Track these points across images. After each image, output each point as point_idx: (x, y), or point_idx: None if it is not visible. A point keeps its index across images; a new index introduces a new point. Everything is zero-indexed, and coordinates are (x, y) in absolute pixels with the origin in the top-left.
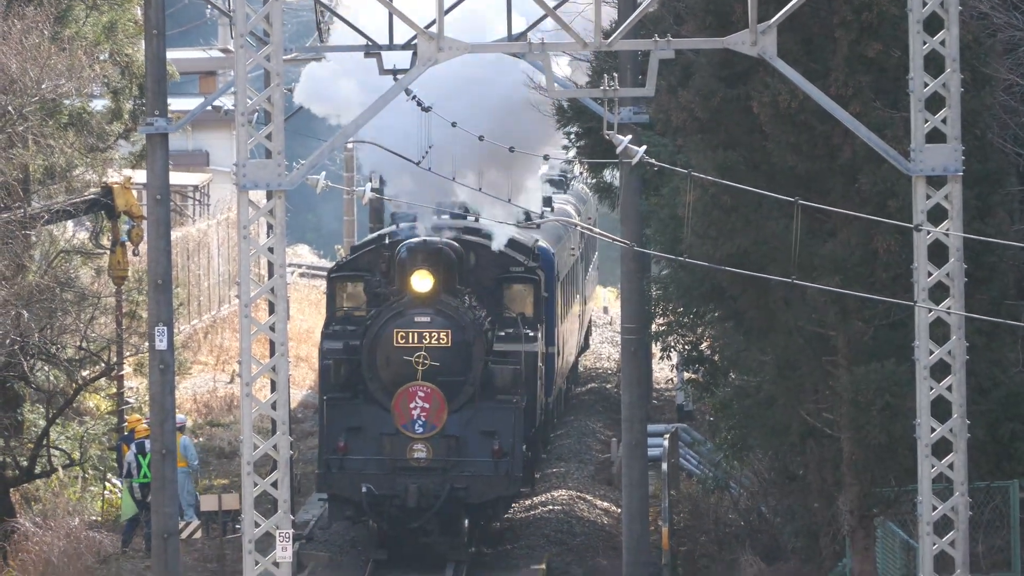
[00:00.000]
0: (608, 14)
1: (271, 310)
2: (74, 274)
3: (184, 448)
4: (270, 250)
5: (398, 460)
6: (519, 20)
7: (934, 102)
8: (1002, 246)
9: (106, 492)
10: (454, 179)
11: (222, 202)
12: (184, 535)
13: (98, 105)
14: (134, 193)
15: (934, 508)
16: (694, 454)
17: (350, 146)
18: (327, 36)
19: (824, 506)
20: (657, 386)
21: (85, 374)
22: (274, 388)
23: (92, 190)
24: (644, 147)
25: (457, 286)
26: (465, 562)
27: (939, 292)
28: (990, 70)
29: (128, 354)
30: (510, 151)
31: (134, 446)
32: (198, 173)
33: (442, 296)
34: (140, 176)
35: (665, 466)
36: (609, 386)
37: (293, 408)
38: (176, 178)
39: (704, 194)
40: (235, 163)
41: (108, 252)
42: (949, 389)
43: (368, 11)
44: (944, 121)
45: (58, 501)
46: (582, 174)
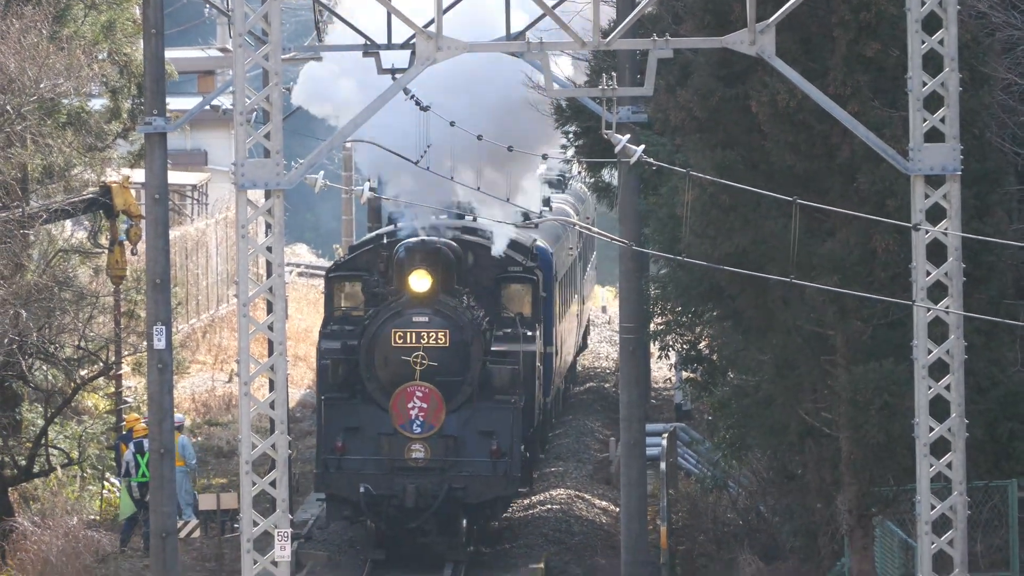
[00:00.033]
0: (607, 13)
1: (269, 309)
2: (72, 273)
3: (182, 447)
4: (268, 249)
5: (396, 460)
6: (522, 17)
7: (932, 101)
8: (1000, 245)
9: (104, 491)
10: (452, 178)
11: (220, 201)
12: (182, 534)
13: (96, 104)
14: (132, 192)
15: (932, 507)
16: (692, 453)
17: (348, 145)
18: (325, 35)
19: (823, 505)
20: (655, 385)
21: (83, 373)
22: (272, 387)
23: (90, 189)
24: (642, 146)
25: (455, 286)
26: (463, 562)
27: (937, 291)
28: (988, 69)
29: (126, 353)
30: (509, 150)
31: (132, 445)
32: (196, 172)
33: (440, 296)
34: (138, 175)
35: (663, 465)
36: (607, 385)
37: (291, 407)
38: (174, 177)
39: (703, 193)
40: (233, 162)
41: (106, 251)
42: (948, 388)
43: (367, 10)
44: (943, 120)
45: (56, 500)
46: (580, 173)
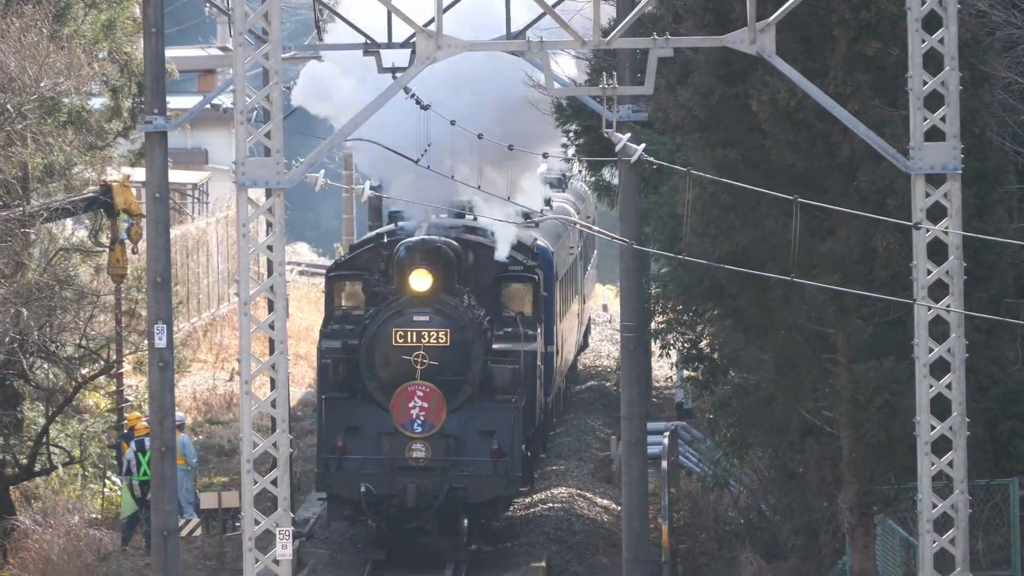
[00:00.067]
0: (607, 12)
1: (270, 308)
2: (73, 272)
3: (182, 446)
4: (269, 248)
5: (397, 460)
6: (522, 15)
7: (933, 100)
8: (1001, 244)
9: (106, 490)
10: (453, 177)
11: (221, 200)
12: (184, 533)
13: (97, 103)
14: (133, 191)
15: (934, 506)
16: (694, 452)
17: (349, 144)
18: (325, 34)
19: (824, 504)
20: (656, 384)
21: (84, 372)
22: (273, 386)
23: (91, 188)
24: (643, 145)
25: (456, 285)
26: (464, 562)
27: (938, 290)
28: (989, 68)
29: (127, 352)
30: (509, 149)
31: (134, 444)
32: (197, 171)
33: (441, 295)
34: (139, 174)
35: (665, 464)
36: (608, 384)
37: (292, 406)
38: (175, 176)
39: (703, 192)
40: (234, 161)
41: (107, 250)
42: (948, 387)
43: (367, 9)
44: (943, 119)
45: (58, 499)
46: (581, 172)
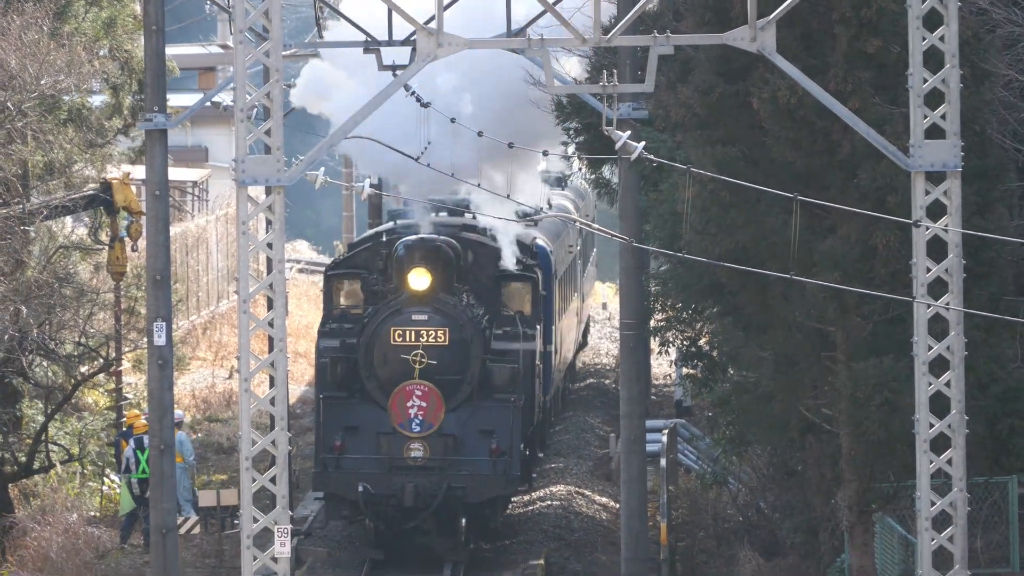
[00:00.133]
0: (607, 10)
1: (270, 306)
2: (73, 270)
3: (180, 444)
4: (269, 246)
5: (395, 459)
6: (523, 13)
7: (933, 98)
8: (1001, 242)
9: (104, 488)
10: (452, 175)
11: (221, 198)
12: (182, 531)
13: (97, 101)
14: (133, 189)
15: (933, 503)
16: (693, 450)
17: (347, 146)
18: (326, 31)
19: (823, 502)
20: (656, 382)
21: (84, 370)
22: (272, 383)
23: (91, 186)
24: (643, 143)
25: (455, 284)
26: (463, 562)
27: (938, 288)
28: (989, 66)
29: (127, 350)
30: (509, 147)
31: (133, 442)
32: (197, 169)
33: (440, 294)
34: (139, 172)
35: (664, 462)
36: (608, 382)
37: (291, 404)
38: (175, 174)
39: (703, 190)
40: (234, 159)
41: (107, 248)
42: (948, 385)
43: (367, 7)
44: (943, 117)
45: (56, 497)
46: (581, 170)
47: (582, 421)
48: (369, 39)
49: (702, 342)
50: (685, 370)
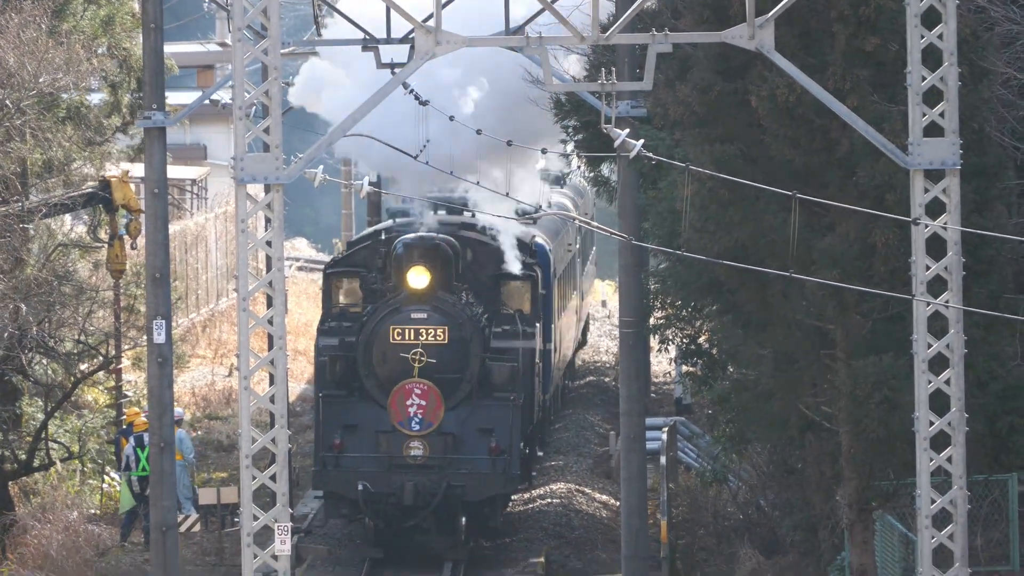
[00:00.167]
0: (606, 8)
1: (269, 303)
2: (72, 268)
3: (180, 442)
4: (268, 244)
5: (394, 458)
6: (521, 11)
7: (932, 96)
8: (1000, 239)
9: (104, 486)
10: (452, 173)
11: (220, 196)
12: (183, 528)
13: (96, 99)
14: (132, 187)
15: (933, 501)
16: (692, 447)
17: (346, 147)
18: (324, 29)
19: (823, 499)
20: (655, 379)
21: (83, 367)
22: (272, 381)
23: (90, 184)
24: (642, 141)
25: (454, 282)
26: (462, 560)
27: (937, 286)
28: (988, 64)
29: (126, 347)
30: (508, 145)
31: (132, 439)
32: (196, 167)
33: (439, 293)
34: (138, 170)
35: (664, 459)
36: (607, 379)
37: (291, 402)
38: (174, 172)
39: (702, 188)
40: (233, 157)
41: (106, 246)
42: (947, 383)
43: (366, 5)
44: (942, 115)
45: (56, 494)
46: (580, 168)
47: (582, 419)
48: (367, 37)
49: (701, 340)
50: (685, 368)
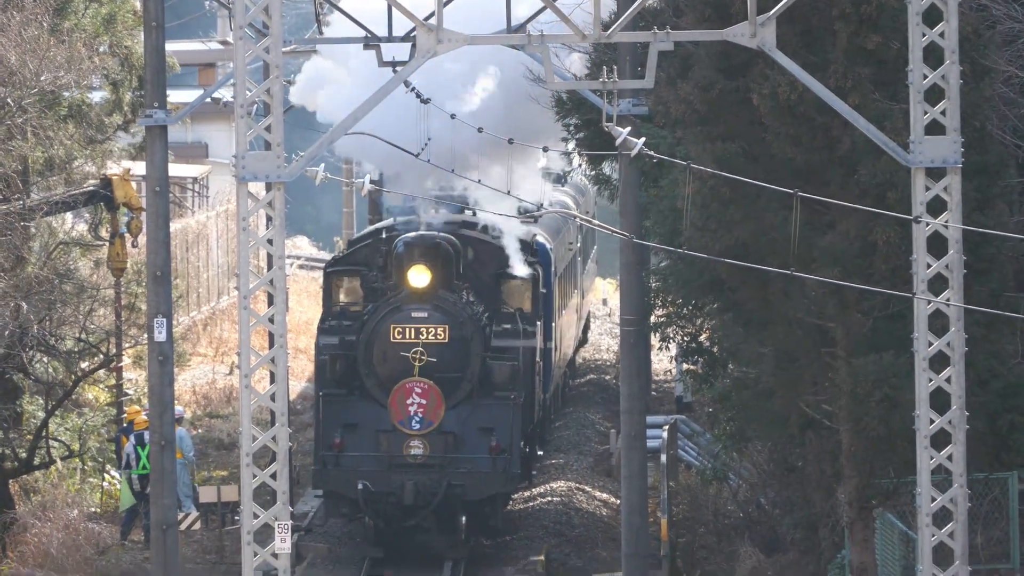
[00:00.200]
0: (607, 6)
1: (270, 302)
2: (73, 266)
3: (180, 440)
4: (269, 242)
5: (395, 457)
6: (523, 9)
7: (933, 94)
8: (1001, 238)
9: (105, 484)
10: (453, 171)
11: (221, 194)
12: (183, 527)
13: (97, 97)
14: (133, 185)
15: (933, 499)
16: (693, 445)
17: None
18: (326, 27)
19: (823, 498)
20: (656, 377)
21: (84, 366)
22: (273, 380)
23: (91, 182)
24: (643, 139)
25: (455, 281)
26: (462, 559)
27: (938, 284)
28: (989, 62)
29: (127, 346)
30: (509, 143)
31: (133, 437)
32: (197, 165)
33: (439, 291)
34: (139, 168)
35: (664, 457)
36: (608, 377)
37: (292, 400)
38: (175, 170)
39: (703, 186)
40: (234, 155)
41: (107, 244)
42: (948, 381)
43: (367, 3)
44: (943, 113)
45: (57, 492)
46: (581, 166)
47: (582, 417)
48: (369, 35)
49: (702, 338)
50: (685, 366)
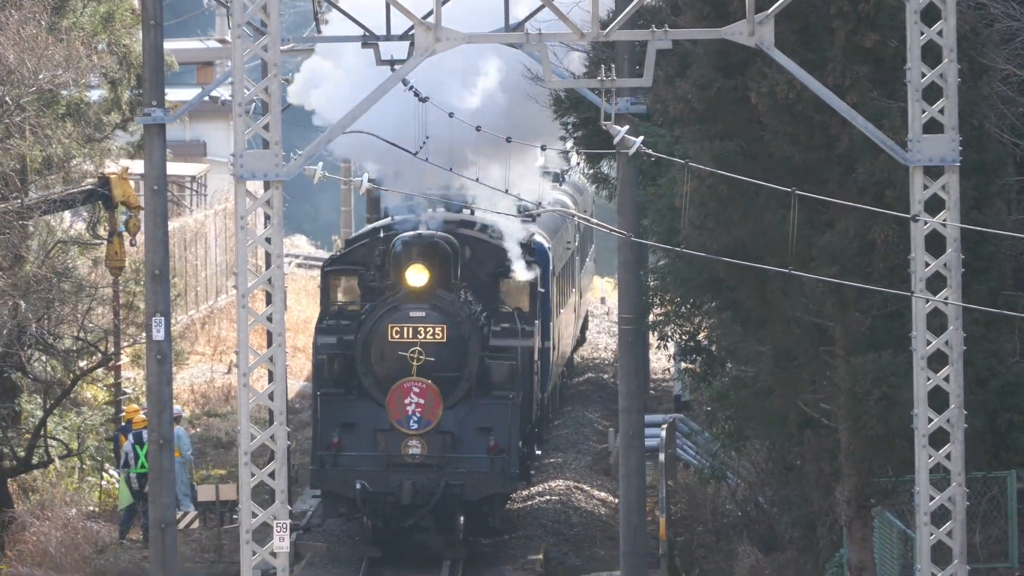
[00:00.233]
0: (605, 4)
1: (268, 300)
2: (71, 264)
3: (178, 439)
4: (267, 240)
5: (393, 456)
6: (521, 7)
7: (931, 92)
8: (999, 236)
9: (103, 482)
10: (451, 169)
11: (219, 192)
12: (181, 525)
13: (95, 95)
14: (131, 183)
15: (931, 498)
16: (691, 444)
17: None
18: (324, 25)
19: (821, 496)
20: (654, 376)
21: (82, 364)
22: (271, 378)
23: (89, 180)
24: (641, 137)
25: (453, 280)
26: (461, 559)
27: (936, 282)
28: (987, 60)
29: (125, 344)
30: (507, 141)
31: (131, 436)
32: (195, 163)
33: (437, 291)
34: (137, 166)
35: (662, 456)
36: (606, 376)
37: (290, 398)
38: (173, 168)
39: (701, 185)
40: (232, 153)
41: (105, 242)
42: (946, 379)
43: (365, 2)
44: (941, 111)
45: (55, 491)
46: (579, 165)
47: (581, 416)
48: (367, 34)
49: (701, 337)
50: (684, 365)
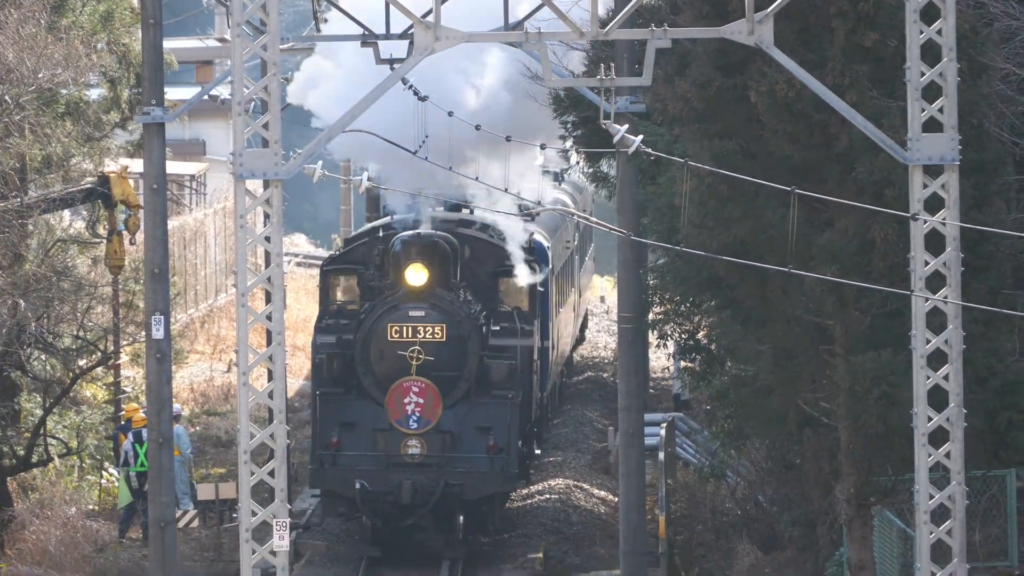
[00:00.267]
0: (605, 3)
1: (268, 299)
2: (71, 263)
3: (177, 437)
4: (267, 239)
5: (392, 456)
6: (520, 6)
7: (931, 91)
8: (999, 235)
9: (103, 481)
10: (451, 168)
11: (219, 191)
12: (181, 524)
13: (95, 94)
14: (131, 182)
15: (931, 497)
16: (691, 443)
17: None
18: (323, 24)
19: (821, 495)
20: (654, 375)
21: (82, 363)
22: (271, 377)
23: (89, 179)
24: (641, 136)
25: (452, 280)
26: (460, 559)
27: (936, 281)
28: (987, 59)
29: (125, 343)
30: (507, 140)
31: (131, 435)
32: (195, 162)
33: (437, 290)
34: (137, 165)
35: (662, 455)
36: (606, 375)
37: (290, 397)
38: (173, 167)
39: (701, 183)
40: (232, 152)
41: (105, 241)
42: (946, 378)
43: (365, 1)
44: (941, 110)
45: (55, 490)
46: (579, 164)
47: (580, 415)
48: (367, 33)
49: (700, 335)
50: (683, 363)
